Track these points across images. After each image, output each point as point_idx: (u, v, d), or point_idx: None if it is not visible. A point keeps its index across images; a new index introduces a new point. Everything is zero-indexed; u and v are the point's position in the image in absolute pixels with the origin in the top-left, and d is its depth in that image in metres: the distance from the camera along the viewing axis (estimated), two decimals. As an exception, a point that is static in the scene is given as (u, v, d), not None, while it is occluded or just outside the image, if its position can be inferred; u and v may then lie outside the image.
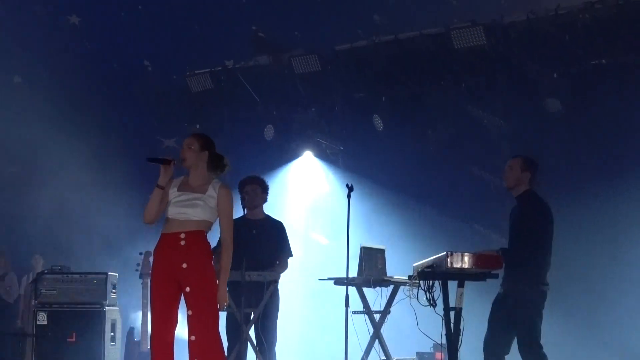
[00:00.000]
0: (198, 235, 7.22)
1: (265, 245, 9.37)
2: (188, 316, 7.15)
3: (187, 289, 7.13)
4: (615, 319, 10.47)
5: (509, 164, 8.19)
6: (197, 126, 13.27)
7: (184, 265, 7.14)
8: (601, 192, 10.67)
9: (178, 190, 7.31)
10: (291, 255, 9.55)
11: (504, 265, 7.78)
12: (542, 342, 7.86)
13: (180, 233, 7.18)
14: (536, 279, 7.85)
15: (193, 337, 7.12)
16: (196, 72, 13.65)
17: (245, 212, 9.54)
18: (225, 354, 7.81)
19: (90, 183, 13.24)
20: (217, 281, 7.25)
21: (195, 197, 7.25)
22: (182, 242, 7.17)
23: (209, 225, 7.32)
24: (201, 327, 7.13)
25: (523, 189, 8.09)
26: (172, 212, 7.26)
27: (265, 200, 9.64)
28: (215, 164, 7.41)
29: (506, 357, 8.01)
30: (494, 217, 11.45)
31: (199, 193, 7.26)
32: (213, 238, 7.40)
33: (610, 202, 10.62)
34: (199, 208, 7.21)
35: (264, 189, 9.60)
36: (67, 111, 12.73)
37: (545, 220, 7.93)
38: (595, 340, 10.44)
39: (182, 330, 7.43)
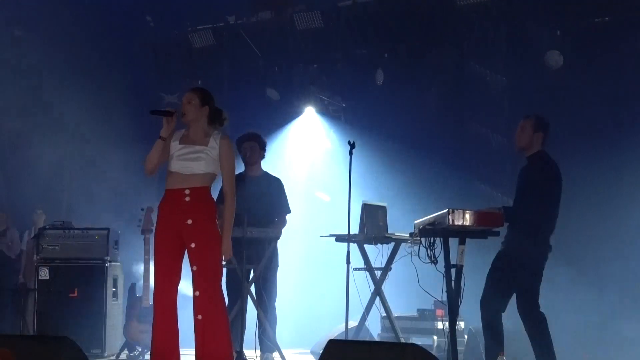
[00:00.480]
0: (202, 191, 7.25)
1: (263, 201, 9.40)
2: (193, 272, 7.18)
3: (193, 245, 7.16)
4: (624, 279, 10.46)
5: (520, 125, 8.11)
6: (199, 82, 13.24)
7: (189, 222, 7.17)
8: (604, 148, 10.63)
9: (180, 143, 7.32)
10: (289, 212, 9.58)
11: (506, 223, 7.80)
12: (540, 302, 7.91)
13: (184, 189, 7.20)
14: (538, 240, 7.85)
15: (197, 293, 7.16)
16: (198, 27, 13.61)
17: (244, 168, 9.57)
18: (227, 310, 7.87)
19: (91, 138, 13.23)
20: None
21: (197, 149, 7.26)
22: (187, 199, 7.20)
23: (212, 178, 7.34)
24: (205, 283, 7.17)
25: (535, 150, 8.04)
26: (175, 166, 7.27)
27: (263, 156, 9.65)
28: (215, 117, 7.42)
29: (502, 315, 8.06)
30: (495, 175, 11.46)
31: (201, 145, 7.27)
32: (214, 191, 7.43)
33: (613, 157, 10.59)
34: (202, 161, 7.23)
35: (262, 146, 9.60)
36: (67, 67, 12.69)
37: (555, 183, 7.90)
38: (603, 298, 10.46)
39: (183, 286, 7.47)
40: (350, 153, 8.86)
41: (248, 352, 8.93)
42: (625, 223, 10.52)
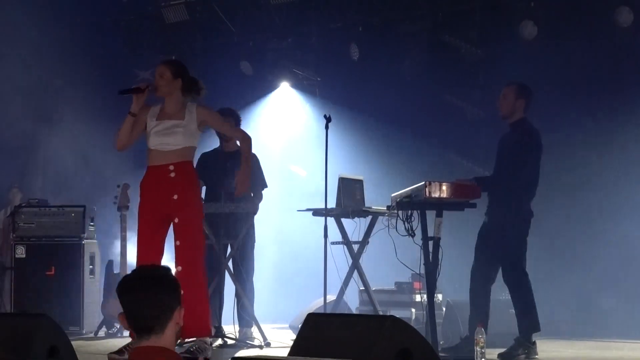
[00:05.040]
0: (186, 166, 7.30)
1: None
2: (176, 247, 7.24)
3: (176, 220, 7.21)
4: (603, 253, 10.48)
5: (503, 92, 8.15)
6: (173, 57, 13.14)
7: (175, 197, 7.21)
8: (578, 119, 10.66)
9: (157, 119, 7.32)
10: (266, 187, 9.59)
11: (488, 192, 7.84)
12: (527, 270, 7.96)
13: (168, 165, 7.22)
14: (520, 207, 7.89)
15: (179, 268, 7.18)
16: (171, 2, 13.50)
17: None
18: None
19: (65, 116, 13.13)
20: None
21: (174, 124, 7.27)
22: (172, 174, 7.22)
23: (192, 151, 7.38)
24: (188, 258, 7.22)
25: (518, 117, 8.08)
26: (154, 142, 7.28)
27: (238, 132, 9.65)
28: (190, 88, 7.43)
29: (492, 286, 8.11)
30: (470, 146, 11.45)
31: (177, 120, 7.27)
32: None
33: (587, 129, 10.62)
34: (179, 135, 7.24)
35: (237, 121, 9.59)
36: (37, 41, 12.56)
37: (537, 150, 7.98)
38: (584, 271, 10.48)
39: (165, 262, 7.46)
40: (327, 127, 8.86)
41: (227, 327, 8.94)
42: (606, 193, 10.55)
